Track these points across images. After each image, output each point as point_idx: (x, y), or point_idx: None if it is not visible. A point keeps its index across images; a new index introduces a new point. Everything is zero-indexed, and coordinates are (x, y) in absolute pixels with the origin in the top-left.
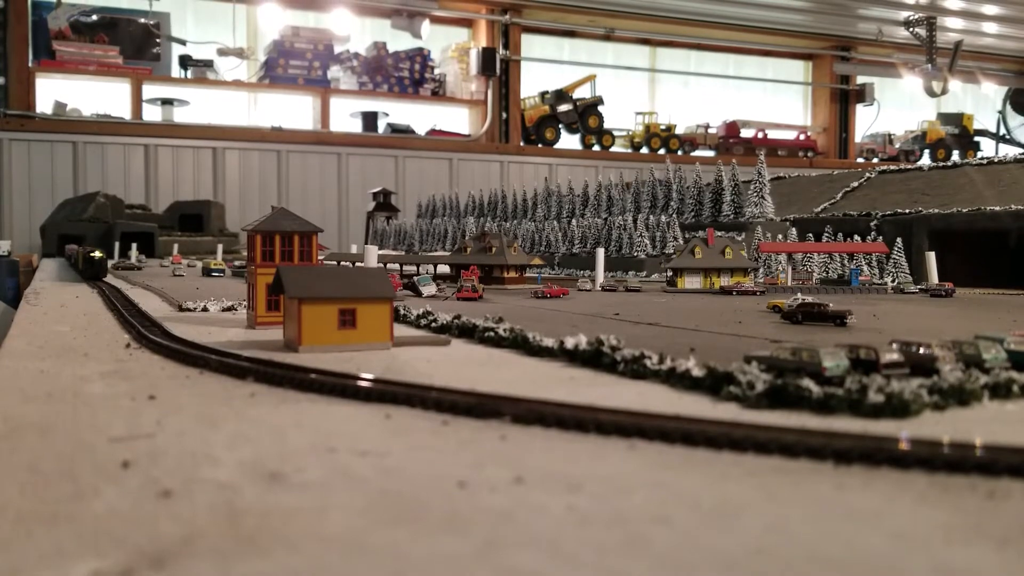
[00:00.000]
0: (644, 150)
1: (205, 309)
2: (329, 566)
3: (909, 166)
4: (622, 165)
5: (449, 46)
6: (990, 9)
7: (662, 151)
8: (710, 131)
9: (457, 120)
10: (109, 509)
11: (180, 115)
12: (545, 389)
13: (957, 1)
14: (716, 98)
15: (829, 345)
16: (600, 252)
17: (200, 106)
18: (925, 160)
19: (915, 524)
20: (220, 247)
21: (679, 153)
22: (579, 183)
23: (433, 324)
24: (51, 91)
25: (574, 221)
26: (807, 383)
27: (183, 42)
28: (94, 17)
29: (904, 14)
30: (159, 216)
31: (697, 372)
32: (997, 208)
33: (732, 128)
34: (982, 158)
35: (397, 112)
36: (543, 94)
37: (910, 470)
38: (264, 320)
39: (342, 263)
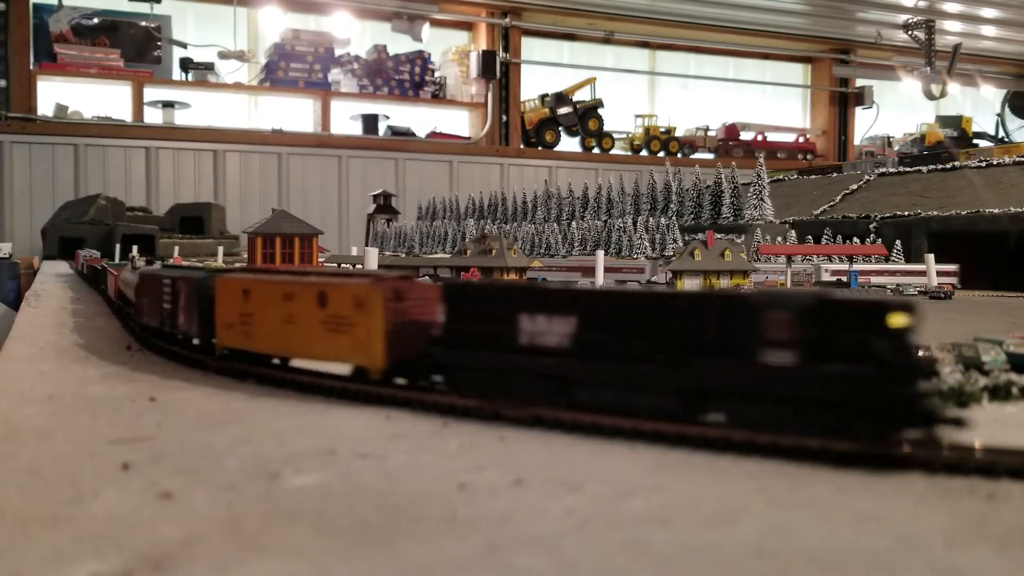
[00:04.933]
0: (644, 152)
1: None
2: (329, 569)
3: (908, 168)
4: (622, 167)
5: (449, 49)
6: (989, 12)
7: (661, 154)
8: (710, 134)
9: (457, 123)
10: (109, 512)
11: (181, 118)
12: None
13: (956, 4)
14: (715, 101)
15: None
16: (600, 254)
17: (201, 109)
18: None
19: (915, 527)
20: (221, 249)
21: (679, 156)
22: (579, 185)
23: None
24: (52, 94)
25: (574, 223)
26: None
27: (184, 45)
28: (95, 20)
29: (903, 17)
30: (160, 218)
31: None
32: (996, 210)
33: (731, 131)
34: (981, 160)
35: (397, 115)
36: (543, 97)
37: (910, 472)
38: None
39: (342, 265)
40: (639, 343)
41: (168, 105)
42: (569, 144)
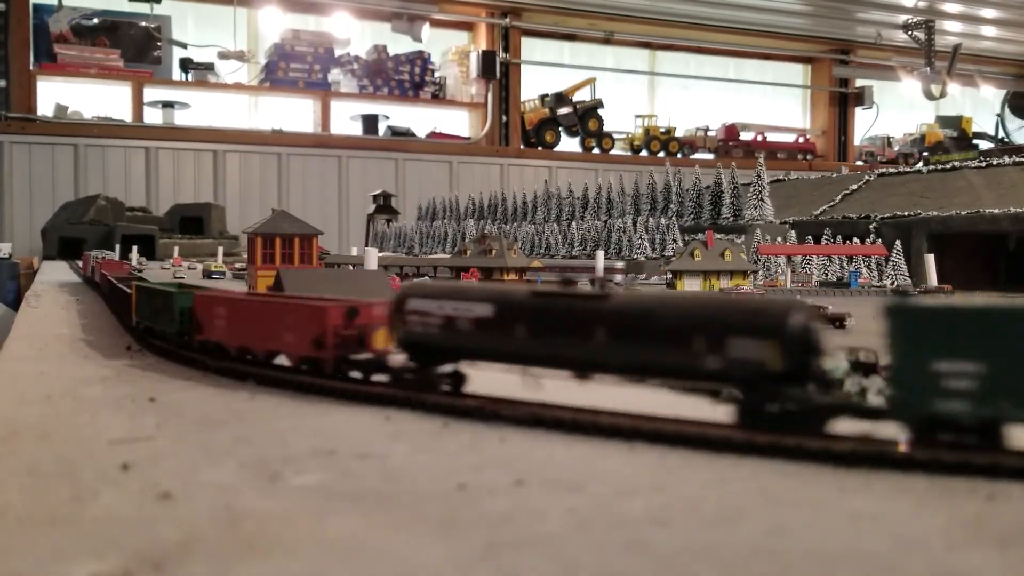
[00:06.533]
0: (644, 153)
1: None
2: (329, 570)
3: (908, 168)
4: (622, 168)
5: (449, 49)
6: (988, 13)
7: (661, 154)
8: (709, 134)
9: (457, 123)
10: (108, 512)
11: (181, 118)
12: (545, 391)
13: (956, 5)
14: (716, 101)
15: (828, 347)
16: (600, 255)
17: (201, 109)
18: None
19: (916, 527)
20: (220, 249)
21: (678, 156)
22: (579, 186)
23: None
24: (52, 94)
25: (574, 224)
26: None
27: (184, 45)
28: (95, 20)
29: (903, 17)
30: (160, 219)
31: None
32: (996, 211)
33: (731, 131)
34: (981, 161)
35: (397, 115)
36: (543, 97)
37: (910, 473)
38: None
39: (340, 265)
40: None
41: (168, 105)
42: (569, 144)
